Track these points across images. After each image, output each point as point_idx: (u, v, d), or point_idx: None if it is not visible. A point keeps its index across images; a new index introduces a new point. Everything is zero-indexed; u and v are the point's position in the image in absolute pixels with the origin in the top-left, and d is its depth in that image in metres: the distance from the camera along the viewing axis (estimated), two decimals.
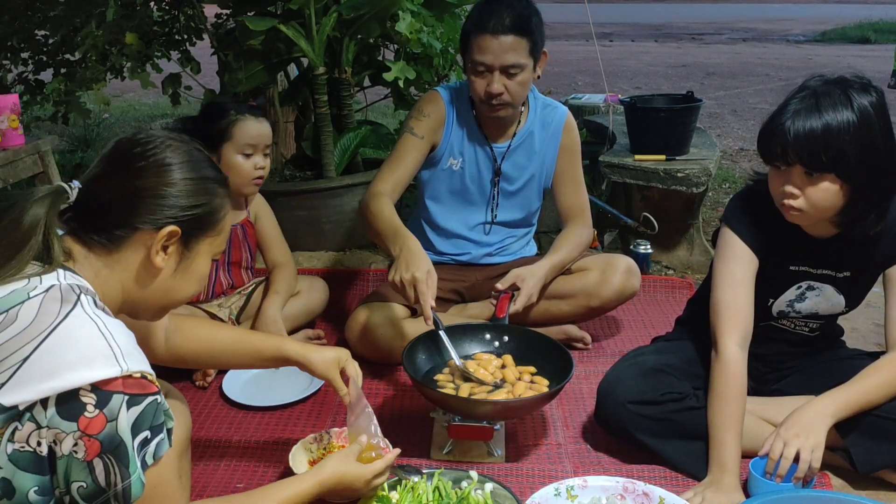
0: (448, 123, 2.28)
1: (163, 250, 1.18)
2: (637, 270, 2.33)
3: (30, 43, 3.93)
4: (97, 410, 0.99)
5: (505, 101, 2.13)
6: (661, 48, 12.95)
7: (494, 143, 2.30)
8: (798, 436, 1.59)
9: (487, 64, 2.08)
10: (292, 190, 3.10)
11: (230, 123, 2.21)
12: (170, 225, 1.17)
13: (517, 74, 2.10)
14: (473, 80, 2.14)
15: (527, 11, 2.09)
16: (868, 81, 1.60)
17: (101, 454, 1.00)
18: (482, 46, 2.07)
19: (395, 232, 1.99)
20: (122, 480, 1.02)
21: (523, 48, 2.08)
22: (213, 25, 3.73)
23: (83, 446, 0.99)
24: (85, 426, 0.98)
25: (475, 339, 2.02)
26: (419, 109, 2.29)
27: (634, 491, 1.62)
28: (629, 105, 3.23)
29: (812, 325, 1.85)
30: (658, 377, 1.79)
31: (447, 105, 2.28)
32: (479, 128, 2.29)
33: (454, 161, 2.30)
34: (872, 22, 15.01)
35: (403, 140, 2.26)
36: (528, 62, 2.10)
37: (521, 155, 2.32)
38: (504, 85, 2.10)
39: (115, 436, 1.00)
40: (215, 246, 1.26)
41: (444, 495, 1.55)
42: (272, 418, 2.03)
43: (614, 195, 3.39)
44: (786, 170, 1.59)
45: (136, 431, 1.03)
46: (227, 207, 1.26)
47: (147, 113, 6.84)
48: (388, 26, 3.01)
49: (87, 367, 0.99)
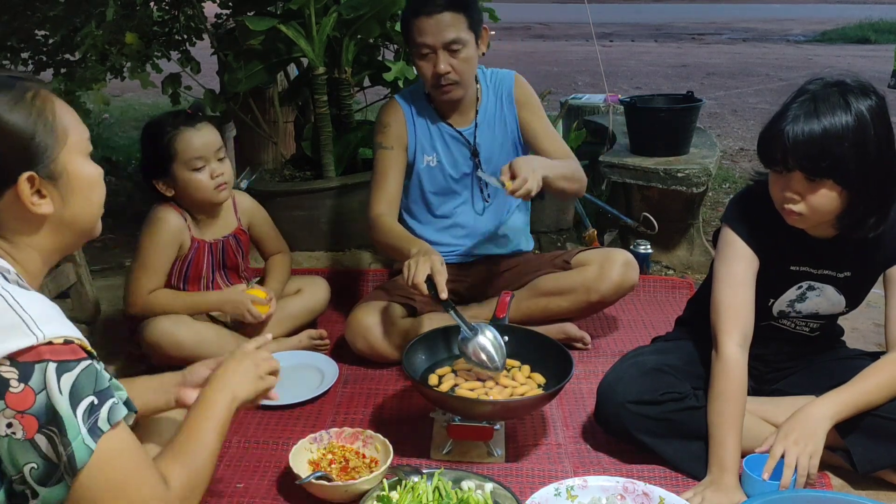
0: (410, 124, 2.32)
1: (37, 195, 1.09)
2: (635, 263, 2.34)
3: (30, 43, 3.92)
4: (22, 384, 0.95)
5: (453, 80, 2.19)
6: (661, 48, 12.94)
7: (461, 129, 2.33)
8: (797, 443, 1.59)
9: (429, 45, 2.14)
10: (292, 190, 3.10)
11: (169, 140, 2.11)
12: (19, 175, 1.07)
13: (460, 51, 2.15)
14: (420, 64, 2.19)
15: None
16: (868, 85, 1.59)
17: (41, 429, 0.96)
18: (421, 28, 2.13)
19: (409, 239, 2.13)
20: (64, 449, 0.98)
21: (461, 23, 2.13)
22: (213, 25, 3.72)
23: (19, 424, 0.95)
24: (13, 403, 0.95)
25: None
26: (380, 122, 2.35)
27: (634, 491, 1.62)
28: (629, 105, 3.23)
29: (812, 325, 1.85)
30: (658, 377, 1.79)
31: (404, 107, 2.33)
32: (441, 118, 2.33)
33: (429, 158, 2.34)
34: (872, 22, 14.99)
35: (378, 157, 2.32)
36: (468, 37, 2.15)
37: (489, 130, 2.35)
38: (450, 64, 2.15)
39: (49, 407, 0.96)
40: (77, 145, 1.14)
41: (444, 495, 1.55)
42: (272, 418, 2.03)
43: (614, 195, 3.39)
44: (786, 175, 1.59)
45: (77, 398, 0.98)
46: (49, 105, 1.11)
47: (147, 113, 6.83)
48: (388, 26, 3.01)
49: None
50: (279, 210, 3.06)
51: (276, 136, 3.52)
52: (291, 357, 2.30)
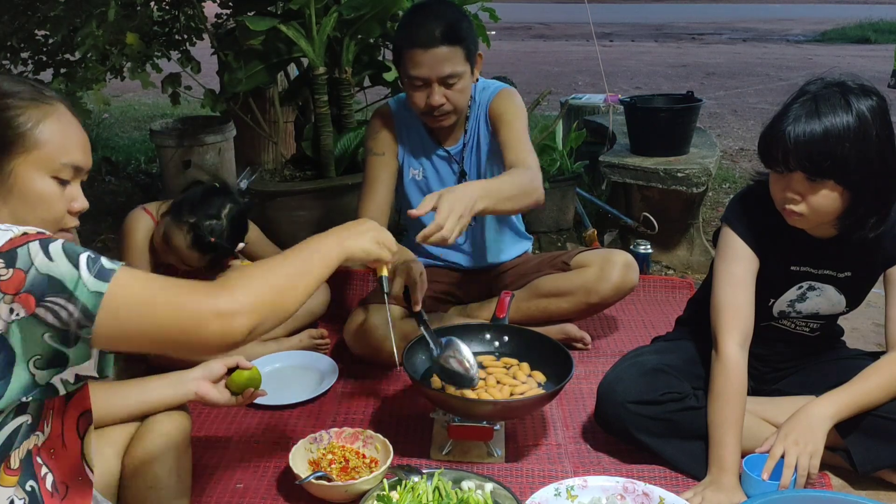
0: (400, 134, 2.27)
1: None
2: (635, 264, 2.33)
3: (30, 43, 3.92)
4: (10, 269, 0.94)
5: (447, 111, 2.10)
6: (661, 48, 12.94)
7: (449, 147, 2.28)
8: (797, 443, 1.60)
9: (423, 77, 2.04)
10: (292, 190, 3.10)
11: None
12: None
13: (456, 83, 2.06)
14: (412, 94, 2.10)
15: (455, 18, 2.04)
16: (868, 85, 1.59)
17: (39, 303, 0.95)
18: (416, 61, 2.02)
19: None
20: (72, 304, 0.95)
21: (458, 57, 2.03)
22: (213, 25, 3.72)
23: (19, 305, 0.95)
24: (7, 287, 0.94)
25: (475, 339, 2.02)
26: (371, 127, 2.28)
27: (634, 491, 1.63)
28: (629, 105, 3.23)
29: (812, 325, 1.85)
30: (658, 377, 1.79)
31: (395, 116, 2.27)
32: (429, 135, 2.27)
33: (415, 171, 2.29)
34: (872, 22, 14.99)
35: (369, 164, 2.25)
36: (465, 69, 2.06)
37: (476, 149, 2.29)
38: (445, 95, 2.07)
39: (41, 277, 0.95)
40: (44, 161, 1.11)
41: (444, 495, 1.55)
42: (272, 418, 2.03)
43: (614, 195, 3.39)
44: (787, 175, 1.59)
45: (73, 256, 0.97)
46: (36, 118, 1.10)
47: (147, 113, 6.83)
48: (388, 26, 3.01)
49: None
50: (279, 210, 3.06)
51: (276, 136, 3.52)
52: (291, 357, 2.31)
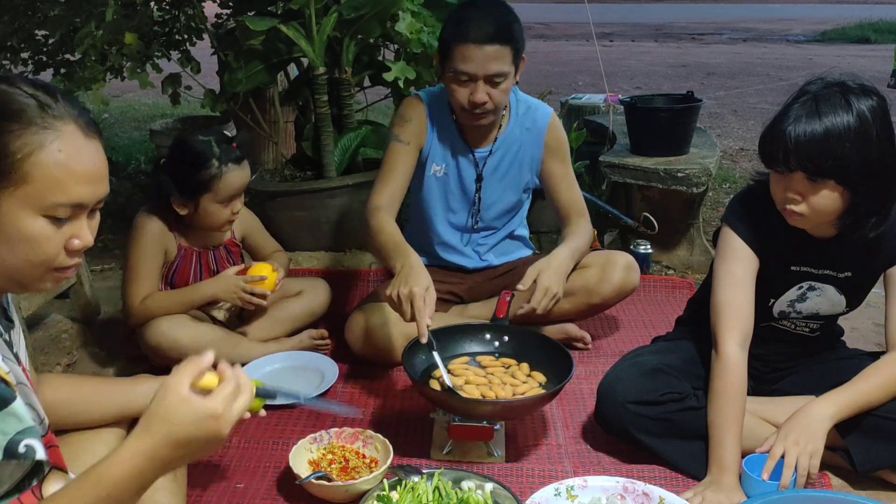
0: (430, 128, 2.25)
1: None
2: (636, 266, 2.33)
3: (30, 43, 3.93)
4: None
5: (488, 110, 2.10)
6: (661, 48, 12.94)
7: (476, 149, 2.27)
8: (797, 443, 1.59)
9: (471, 73, 2.04)
10: (292, 190, 3.10)
11: (213, 177, 2.08)
12: None
13: (501, 83, 2.06)
14: (455, 88, 2.09)
15: (508, 18, 2.05)
16: (868, 85, 1.59)
17: None
18: (465, 56, 2.02)
19: (397, 247, 1.97)
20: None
21: (507, 56, 2.03)
22: (213, 25, 3.73)
23: None
24: None
25: (475, 340, 2.02)
26: (401, 115, 2.25)
27: (634, 491, 1.62)
28: (629, 105, 3.22)
29: (812, 325, 1.85)
30: (658, 377, 1.79)
31: (427, 109, 2.25)
32: (459, 133, 2.26)
33: (437, 168, 2.28)
34: (872, 22, 14.99)
35: (391, 149, 2.22)
36: (510, 70, 2.06)
37: (503, 159, 2.29)
38: (488, 93, 2.07)
39: None
40: (31, 199, 0.99)
41: (444, 495, 1.55)
42: (272, 418, 2.03)
43: (614, 195, 3.39)
44: (787, 175, 1.59)
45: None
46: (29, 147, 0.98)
47: (147, 113, 6.83)
48: (388, 26, 3.01)
49: None
50: (279, 210, 3.07)
51: (276, 136, 3.52)
52: (292, 357, 2.30)
